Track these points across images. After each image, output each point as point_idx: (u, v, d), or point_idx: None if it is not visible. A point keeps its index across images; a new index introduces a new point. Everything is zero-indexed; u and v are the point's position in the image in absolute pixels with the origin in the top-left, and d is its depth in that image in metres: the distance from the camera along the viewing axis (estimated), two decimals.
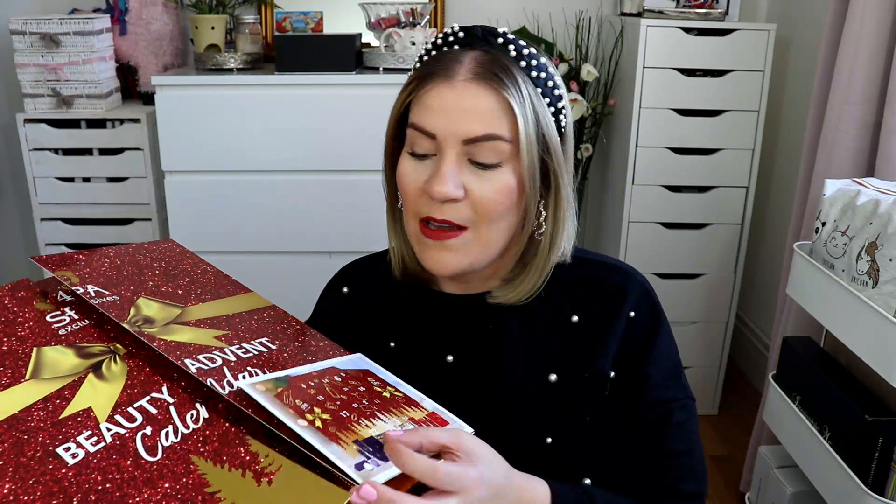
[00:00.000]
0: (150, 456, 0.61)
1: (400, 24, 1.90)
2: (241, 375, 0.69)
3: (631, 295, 0.82)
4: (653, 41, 1.95)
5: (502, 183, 0.75)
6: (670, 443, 0.80)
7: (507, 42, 0.76)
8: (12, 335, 0.71)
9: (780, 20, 2.18)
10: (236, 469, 0.61)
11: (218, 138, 1.78)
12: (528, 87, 0.74)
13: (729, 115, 2.01)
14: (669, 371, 0.82)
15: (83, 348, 0.71)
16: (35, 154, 2.02)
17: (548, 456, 0.80)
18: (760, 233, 2.39)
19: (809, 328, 1.56)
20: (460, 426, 0.71)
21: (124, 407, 0.65)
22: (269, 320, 0.82)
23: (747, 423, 2.04)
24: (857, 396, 1.22)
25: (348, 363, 0.76)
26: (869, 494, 1.14)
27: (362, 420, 0.66)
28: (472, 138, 0.73)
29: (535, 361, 0.82)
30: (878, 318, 1.11)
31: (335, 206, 1.83)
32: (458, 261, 0.77)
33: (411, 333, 0.86)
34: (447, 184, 0.73)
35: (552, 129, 0.77)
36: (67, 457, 0.60)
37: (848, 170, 1.54)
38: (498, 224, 0.77)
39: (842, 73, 1.55)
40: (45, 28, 1.92)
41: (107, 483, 0.59)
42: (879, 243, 1.14)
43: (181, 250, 0.91)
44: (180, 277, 0.85)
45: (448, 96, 0.73)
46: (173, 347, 0.70)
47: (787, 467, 1.48)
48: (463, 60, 0.74)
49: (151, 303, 0.78)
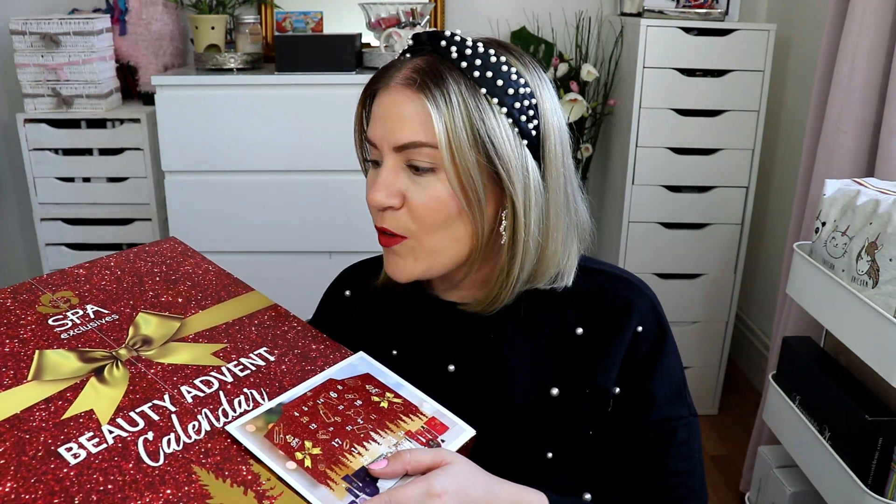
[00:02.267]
0: (152, 461, 0.61)
1: (400, 24, 1.90)
2: (236, 401, 0.69)
3: (638, 309, 0.80)
4: (653, 41, 1.95)
5: (436, 189, 0.73)
6: (672, 462, 0.79)
7: (451, 45, 0.73)
8: (15, 337, 0.71)
9: (780, 20, 2.18)
10: (238, 486, 0.61)
11: (218, 138, 1.78)
12: (464, 89, 0.71)
13: (729, 115, 2.01)
14: (673, 388, 0.81)
15: (85, 353, 0.71)
16: (35, 154, 2.02)
17: (548, 470, 0.80)
18: (760, 233, 2.39)
19: (809, 328, 1.56)
20: (461, 429, 0.71)
21: (126, 411, 0.65)
22: (269, 324, 0.81)
23: (747, 423, 2.04)
24: (857, 396, 1.22)
25: (348, 370, 0.76)
26: (869, 494, 1.14)
27: (354, 448, 0.66)
28: (399, 145, 0.73)
29: (537, 374, 0.80)
30: (878, 318, 1.11)
31: (335, 206, 1.83)
32: (411, 266, 0.77)
33: (413, 341, 0.85)
34: (378, 192, 0.74)
35: (500, 131, 0.72)
36: (69, 457, 0.60)
37: (848, 170, 1.54)
38: (443, 232, 0.75)
39: (842, 73, 1.55)
40: (45, 28, 1.92)
41: (108, 484, 0.58)
42: (879, 243, 1.14)
43: (183, 249, 0.91)
44: (181, 282, 0.84)
45: (384, 102, 0.74)
46: (170, 373, 0.70)
47: (787, 467, 1.48)
48: (402, 67, 0.74)
49: (150, 318, 0.77)
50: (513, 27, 2.30)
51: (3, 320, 0.73)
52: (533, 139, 0.75)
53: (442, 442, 0.70)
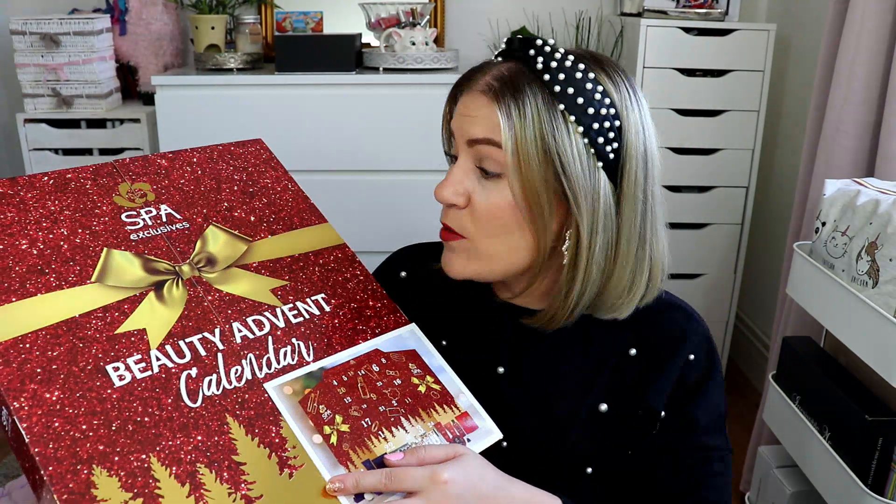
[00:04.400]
0: (191, 401, 0.62)
1: (400, 24, 1.90)
2: (282, 351, 0.69)
3: (693, 338, 0.81)
4: (653, 41, 1.95)
5: (499, 196, 0.72)
6: (705, 492, 0.79)
7: (538, 54, 0.72)
8: (87, 227, 0.70)
9: (780, 20, 2.18)
10: (265, 447, 0.62)
11: (218, 138, 1.77)
12: (540, 103, 0.70)
13: (729, 115, 2.01)
14: (715, 418, 0.82)
15: (150, 261, 0.71)
16: (35, 154, 2.02)
17: (585, 485, 0.80)
18: (760, 233, 2.39)
19: (809, 328, 1.56)
20: (489, 430, 0.71)
21: (176, 339, 0.66)
22: (333, 267, 0.81)
23: (747, 423, 2.03)
24: (857, 396, 1.22)
25: (396, 342, 0.76)
26: (869, 494, 1.14)
27: (382, 431, 0.67)
28: (472, 139, 0.73)
29: (587, 388, 0.80)
30: (878, 318, 1.11)
31: (337, 206, 1.83)
32: (464, 265, 0.77)
33: (465, 335, 0.84)
34: (446, 189, 0.74)
35: (572, 149, 0.70)
36: (115, 377, 0.61)
37: (848, 170, 1.54)
38: (501, 239, 0.74)
39: (842, 73, 1.55)
40: (45, 28, 1.92)
41: (146, 417, 0.60)
42: (879, 243, 1.14)
43: (267, 157, 0.90)
44: (257, 197, 0.83)
45: (465, 101, 0.75)
46: (226, 304, 0.71)
47: (787, 467, 1.48)
48: (487, 71, 0.74)
49: (220, 233, 0.77)
50: (513, 27, 2.30)
51: (80, 204, 0.72)
52: (610, 162, 0.72)
53: (468, 442, 0.70)
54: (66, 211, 0.71)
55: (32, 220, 0.68)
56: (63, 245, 0.68)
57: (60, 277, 0.65)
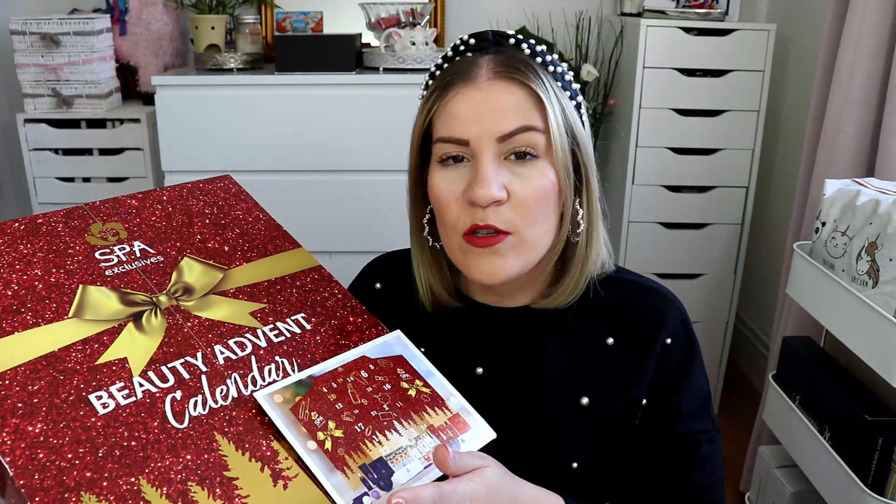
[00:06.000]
0: (177, 422, 0.62)
1: (400, 24, 1.90)
2: (266, 369, 0.69)
3: (669, 321, 0.81)
4: (653, 41, 1.95)
5: (542, 178, 0.72)
6: (695, 477, 0.79)
7: (519, 42, 0.76)
8: (61, 267, 0.71)
9: (780, 20, 2.18)
10: (256, 461, 0.61)
11: (218, 138, 1.78)
12: (550, 81, 0.74)
13: (729, 115, 2.01)
14: (699, 402, 0.81)
15: (127, 294, 0.71)
16: (35, 154, 2.02)
17: (572, 479, 0.79)
18: (760, 233, 2.39)
19: (809, 328, 1.56)
20: (483, 430, 0.71)
21: (158, 364, 0.65)
22: (311, 287, 0.80)
23: (747, 423, 2.03)
24: (857, 396, 1.22)
25: (382, 348, 0.75)
26: (869, 494, 1.14)
27: (376, 435, 0.66)
28: (506, 134, 0.71)
29: (567, 382, 0.80)
30: (878, 318, 1.11)
31: (335, 206, 1.83)
32: (511, 265, 0.74)
33: (442, 340, 0.84)
34: (490, 185, 0.70)
35: (577, 121, 0.76)
36: (98, 406, 0.61)
37: (848, 170, 1.54)
38: (541, 226, 0.74)
39: (842, 73, 1.55)
40: (45, 28, 1.92)
41: (132, 441, 0.59)
42: (879, 243, 1.14)
43: (237, 191, 0.90)
44: (229, 228, 0.83)
45: (475, 97, 0.72)
46: (206, 329, 0.70)
47: (787, 467, 1.48)
48: (481, 63, 0.74)
49: (195, 264, 0.77)
50: (513, 27, 2.30)
51: (52, 246, 0.73)
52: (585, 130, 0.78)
53: (462, 442, 0.70)
54: (39, 253, 0.71)
55: (5, 264, 0.69)
56: (38, 285, 0.68)
57: (37, 315, 0.65)
